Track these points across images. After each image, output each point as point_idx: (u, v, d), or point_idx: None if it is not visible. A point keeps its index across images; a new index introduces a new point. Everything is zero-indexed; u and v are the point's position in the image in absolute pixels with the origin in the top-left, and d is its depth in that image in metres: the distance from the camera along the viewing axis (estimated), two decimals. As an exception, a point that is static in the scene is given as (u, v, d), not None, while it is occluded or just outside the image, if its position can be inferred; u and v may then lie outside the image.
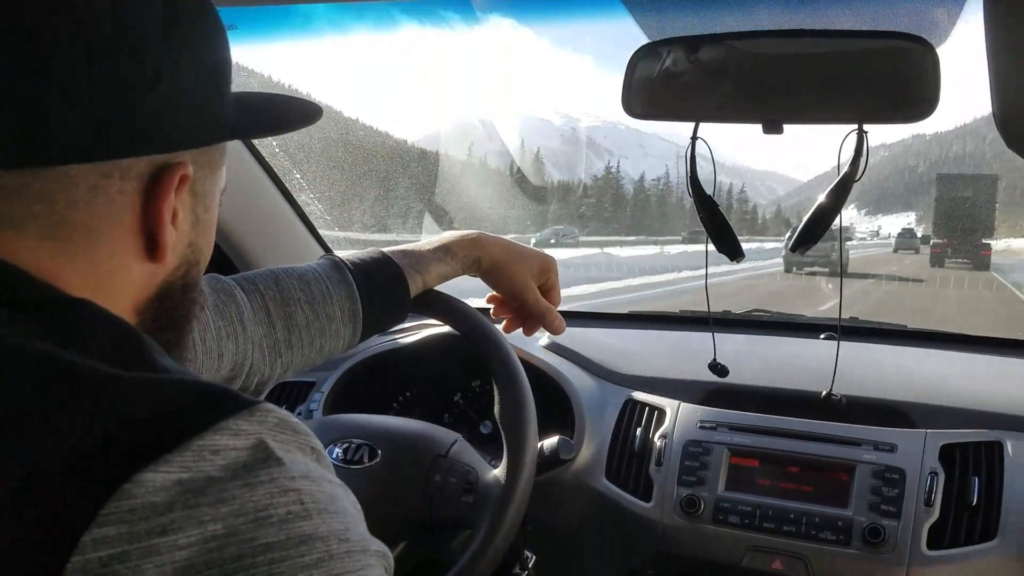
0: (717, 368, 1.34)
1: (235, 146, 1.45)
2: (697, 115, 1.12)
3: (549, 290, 1.17)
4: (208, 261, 0.67)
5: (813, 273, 23.15)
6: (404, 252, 1.09)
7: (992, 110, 0.84)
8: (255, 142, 1.48)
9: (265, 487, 0.43)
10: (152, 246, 0.58)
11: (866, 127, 1.02)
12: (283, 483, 0.44)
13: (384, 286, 1.05)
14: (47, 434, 0.43)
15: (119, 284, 0.57)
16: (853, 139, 1.04)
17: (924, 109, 0.95)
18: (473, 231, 1.15)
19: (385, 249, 1.09)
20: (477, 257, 1.12)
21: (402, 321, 1.09)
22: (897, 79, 0.98)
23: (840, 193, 1.08)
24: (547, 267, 1.17)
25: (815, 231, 1.10)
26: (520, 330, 1.19)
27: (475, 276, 1.16)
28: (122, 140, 0.54)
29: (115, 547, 0.40)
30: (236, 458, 0.44)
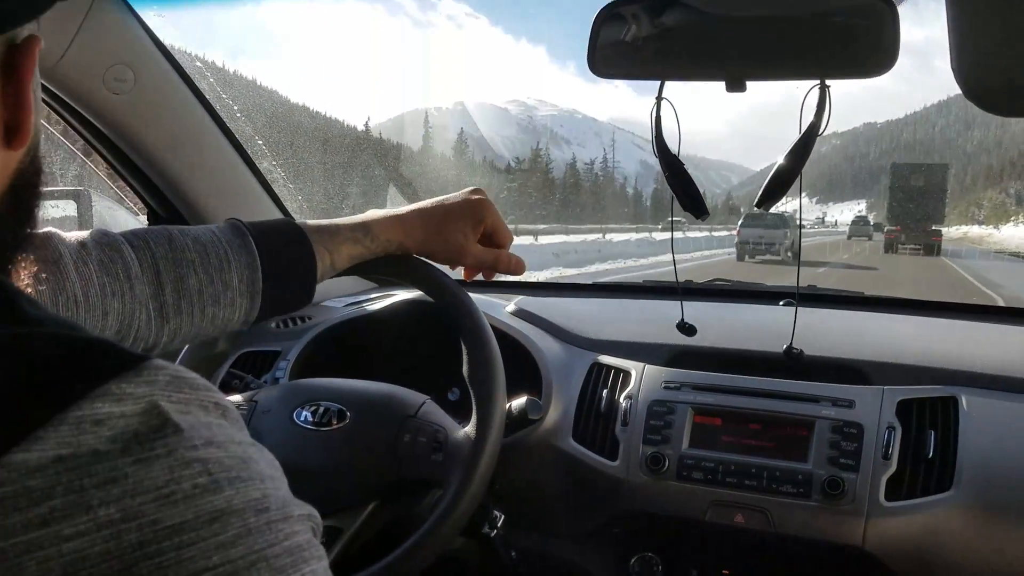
0: (685, 327, 1.37)
1: (187, 100, 1.43)
2: (661, 73, 1.13)
3: (493, 233, 1.13)
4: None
5: (765, 262, 23.27)
6: (318, 227, 1.04)
7: (951, 65, 0.86)
8: (213, 101, 1.46)
9: (163, 461, 0.37)
10: (9, 132, 0.49)
11: (828, 83, 1.04)
12: (184, 454, 0.37)
13: (289, 260, 0.99)
14: None
15: None
16: (814, 95, 1.06)
17: (884, 62, 0.97)
18: (405, 208, 1.11)
19: (300, 221, 1.04)
20: (399, 241, 1.08)
21: (307, 302, 1.03)
22: (858, 34, 1.00)
23: (804, 148, 1.10)
24: (479, 213, 1.11)
25: (780, 187, 1.12)
26: (489, 298, 1.19)
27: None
28: None
29: None
30: (125, 427, 0.37)
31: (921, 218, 37.45)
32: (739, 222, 26.84)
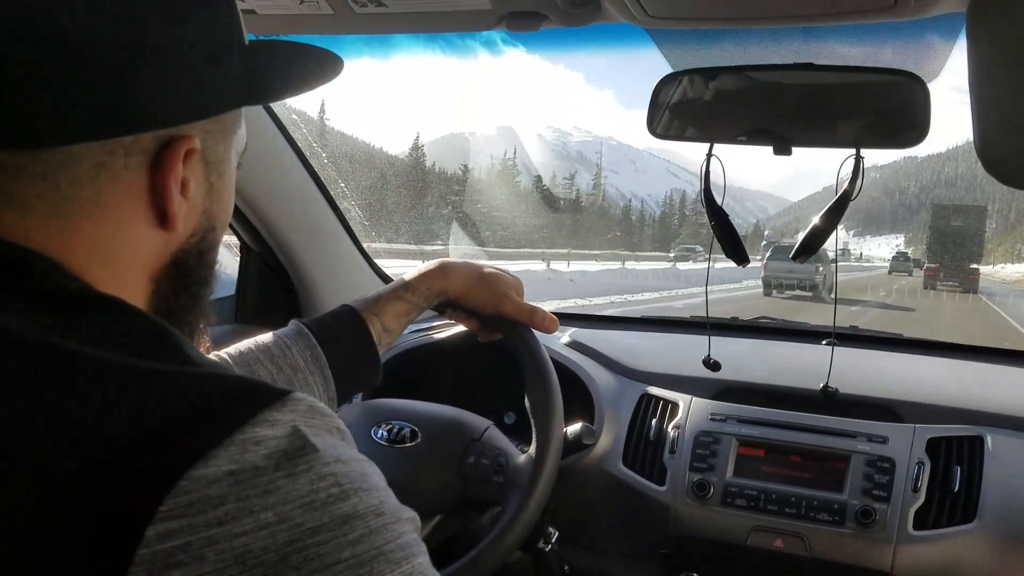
0: (710, 363, 1.49)
1: (286, 153, 1.58)
2: (713, 137, 1.25)
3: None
4: (226, 225, 0.67)
5: (795, 297, 22.19)
6: (364, 299, 1.13)
7: (973, 139, 0.97)
8: (303, 146, 1.61)
9: (305, 475, 0.46)
10: (162, 217, 0.58)
11: (863, 152, 1.15)
12: (320, 469, 0.46)
13: (342, 332, 1.08)
14: (94, 431, 0.44)
15: (130, 253, 0.58)
16: (851, 163, 1.17)
17: (915, 137, 1.08)
18: (437, 261, 1.18)
19: (352, 301, 1.13)
20: (442, 289, 1.16)
21: (376, 365, 1.11)
22: (892, 110, 1.12)
23: (837, 211, 1.21)
24: (518, 284, 1.21)
25: (815, 243, 1.23)
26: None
27: (444, 308, 1.20)
28: (118, 119, 0.54)
29: (178, 539, 0.42)
30: (276, 447, 0.46)
31: (960, 257, 37.65)
32: (766, 254, 24.99)
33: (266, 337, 1.05)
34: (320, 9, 1.07)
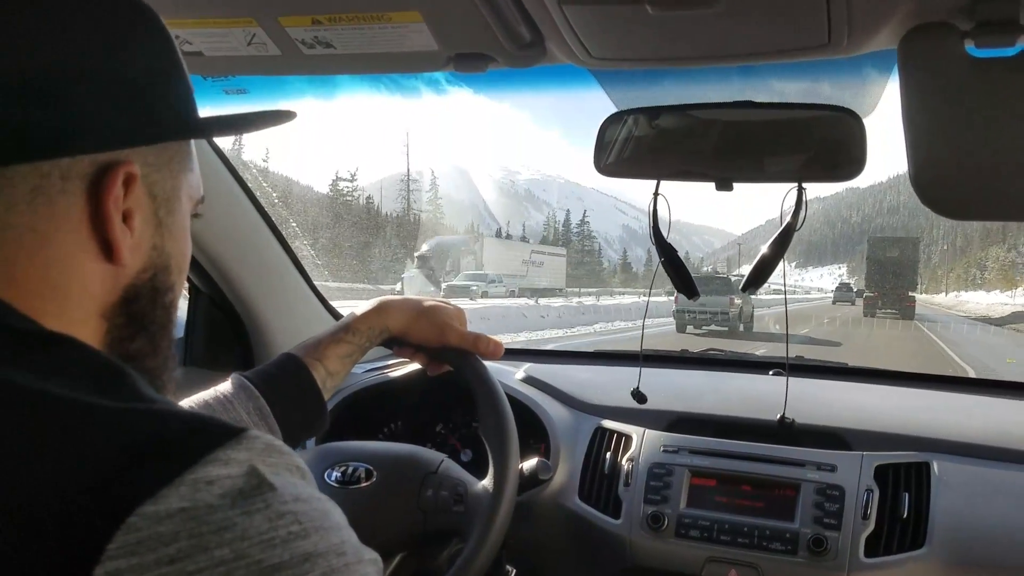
0: (638, 395, 1.53)
1: (231, 189, 1.57)
2: (659, 174, 1.28)
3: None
4: (184, 269, 0.66)
5: (711, 333, 21.12)
6: (303, 345, 1.13)
7: (908, 172, 1.00)
8: (257, 192, 1.60)
9: (262, 513, 0.45)
10: (106, 247, 0.57)
11: (804, 184, 1.19)
12: (278, 507, 0.45)
13: (285, 380, 1.07)
14: (39, 467, 0.43)
15: (77, 287, 0.56)
16: (794, 194, 1.21)
17: (853, 170, 1.12)
18: (376, 300, 1.19)
19: (292, 349, 1.13)
20: (383, 327, 1.16)
21: (321, 412, 1.10)
22: (830, 144, 1.16)
23: (782, 242, 1.24)
24: (460, 313, 1.20)
25: (763, 274, 1.26)
26: (500, 365, 1.30)
27: (390, 346, 1.20)
28: (55, 139, 0.53)
29: None
30: (232, 486, 0.45)
31: (897, 286, 39.14)
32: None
33: (206, 394, 1.04)
34: (268, 51, 1.07)
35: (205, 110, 0.66)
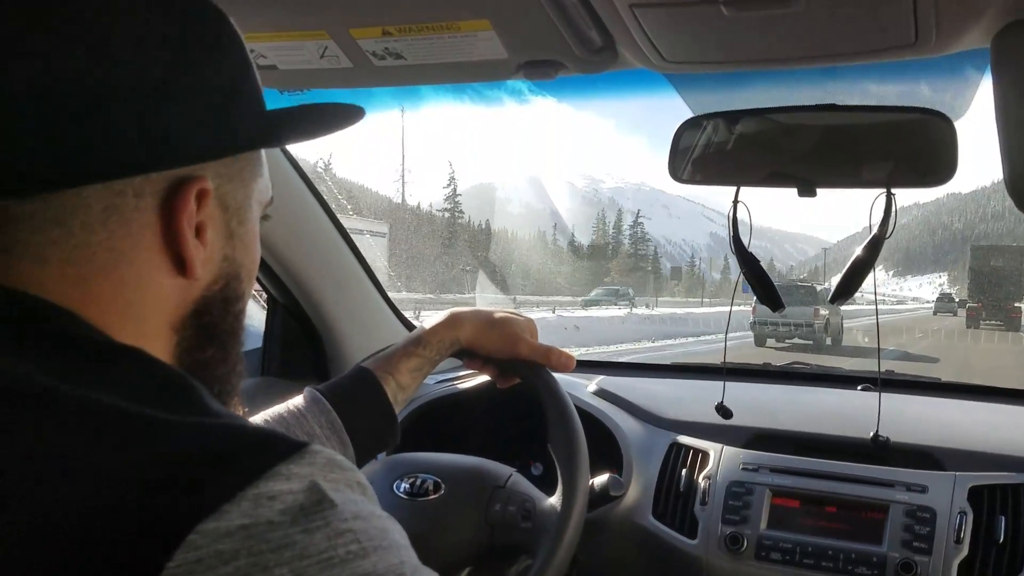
0: (722, 410, 1.47)
1: (309, 203, 1.59)
2: (738, 180, 1.24)
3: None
4: (253, 275, 0.66)
5: (793, 347, 19.95)
6: (376, 358, 1.12)
7: (1003, 175, 0.94)
8: (332, 203, 1.62)
9: (322, 531, 0.44)
10: (179, 262, 0.57)
11: (894, 190, 1.13)
12: (338, 525, 0.45)
13: (357, 393, 1.07)
14: (100, 481, 0.43)
15: (151, 302, 0.57)
16: (882, 201, 1.15)
17: (944, 175, 1.07)
18: (446, 312, 1.18)
19: (364, 361, 1.13)
20: (453, 339, 1.15)
21: (393, 426, 1.10)
22: (919, 148, 1.11)
23: (872, 251, 1.19)
24: (531, 325, 1.19)
25: (852, 284, 1.21)
26: (572, 377, 1.27)
27: (460, 357, 1.18)
28: (129, 158, 0.54)
29: None
30: (293, 502, 0.44)
31: (1001, 296, 37.79)
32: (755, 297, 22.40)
33: (281, 407, 1.05)
34: (340, 63, 1.08)
35: None
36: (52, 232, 0.52)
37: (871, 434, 1.42)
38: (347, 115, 0.66)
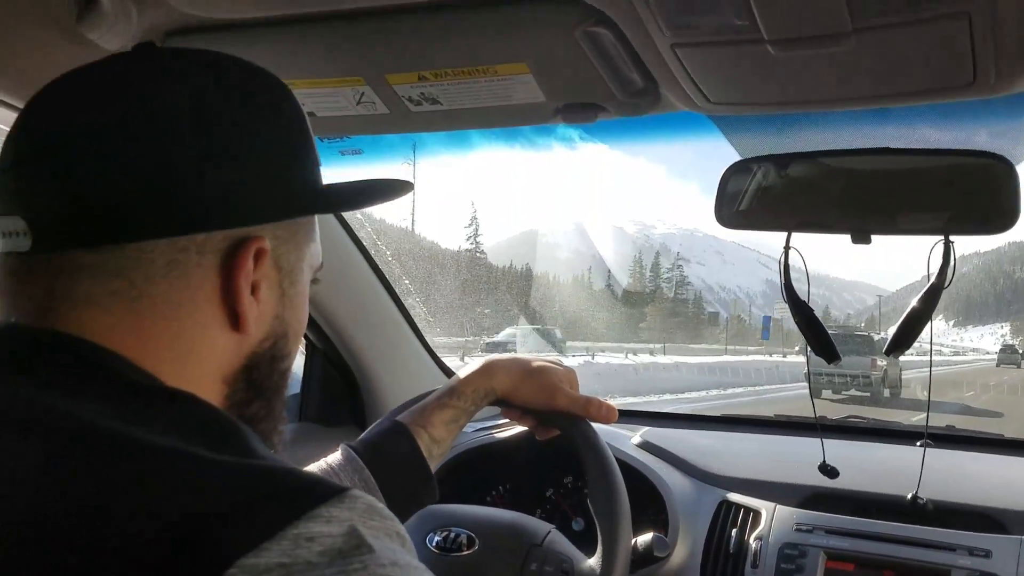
0: (827, 470, 1.37)
1: (349, 250, 1.59)
2: (788, 225, 1.19)
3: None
4: (300, 335, 0.68)
5: (851, 399, 18.95)
6: (411, 410, 1.10)
7: None
8: (372, 249, 1.61)
9: (360, 573, 0.44)
10: (234, 318, 0.60)
11: (952, 237, 1.08)
12: (376, 570, 0.45)
13: (390, 449, 1.04)
14: (144, 515, 0.44)
15: (204, 354, 0.59)
16: (940, 248, 1.10)
17: (1005, 223, 1.01)
18: (482, 360, 1.15)
19: (398, 412, 1.11)
20: (488, 389, 1.11)
21: (428, 481, 1.05)
22: (979, 194, 1.05)
23: (929, 300, 1.13)
24: (570, 375, 1.15)
25: (909, 335, 1.15)
26: (615, 429, 1.23)
27: (499, 405, 1.15)
28: (194, 216, 0.57)
29: None
30: (331, 545, 0.45)
31: None
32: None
33: (315, 466, 1.03)
34: (377, 109, 1.07)
35: (324, 173, 0.68)
36: (115, 283, 0.56)
37: (909, 495, 1.34)
38: (397, 189, 0.70)
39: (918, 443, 1.67)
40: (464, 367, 1.16)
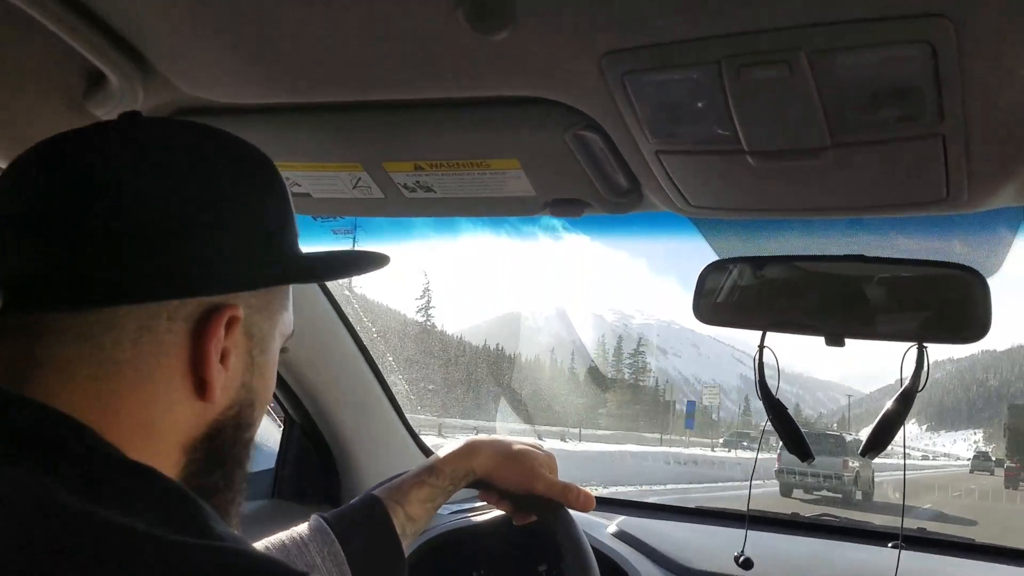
0: (744, 562, 1.41)
1: (334, 324, 1.60)
2: (763, 324, 1.22)
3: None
4: (265, 404, 0.68)
5: (822, 500, 18.76)
6: (388, 487, 1.09)
7: None
8: (355, 322, 1.62)
9: None
10: (201, 385, 0.59)
11: (926, 344, 1.11)
12: None
13: (363, 523, 1.03)
14: None
15: (168, 422, 0.58)
16: (914, 353, 1.12)
17: (976, 333, 1.04)
18: (464, 440, 1.14)
19: (375, 488, 1.10)
20: (468, 469, 1.10)
21: (399, 560, 1.04)
22: (951, 305, 1.08)
23: (903, 403, 1.15)
24: (550, 460, 1.14)
25: (884, 438, 1.16)
26: (591, 516, 1.23)
27: (476, 487, 1.14)
28: (168, 284, 0.56)
29: None
30: None
31: None
32: (780, 444, 20.46)
33: (284, 534, 1.01)
34: (372, 193, 1.10)
35: (314, 249, 0.69)
36: (83, 347, 0.55)
37: None
38: (375, 261, 0.70)
39: (890, 544, 1.67)
40: (444, 446, 1.16)
